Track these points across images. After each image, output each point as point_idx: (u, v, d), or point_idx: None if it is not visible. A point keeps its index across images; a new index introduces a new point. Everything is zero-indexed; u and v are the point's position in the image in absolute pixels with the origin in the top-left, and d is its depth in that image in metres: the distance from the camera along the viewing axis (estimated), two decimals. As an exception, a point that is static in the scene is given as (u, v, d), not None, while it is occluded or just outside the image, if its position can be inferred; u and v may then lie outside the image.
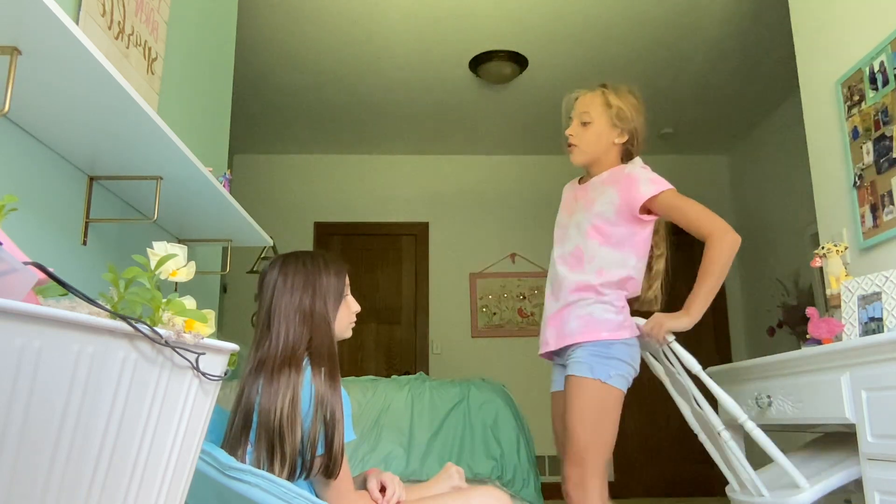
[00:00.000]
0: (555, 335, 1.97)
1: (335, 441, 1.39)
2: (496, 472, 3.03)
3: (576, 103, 2.15)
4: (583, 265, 1.98)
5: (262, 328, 1.51)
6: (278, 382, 1.41)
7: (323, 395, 1.41)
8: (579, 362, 1.88)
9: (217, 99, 2.95)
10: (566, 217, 2.14)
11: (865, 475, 1.81)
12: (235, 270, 5.09)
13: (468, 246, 5.77)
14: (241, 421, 1.43)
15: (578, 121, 2.11)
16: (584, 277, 1.96)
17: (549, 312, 2.04)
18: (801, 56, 2.96)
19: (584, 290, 1.95)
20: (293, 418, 1.38)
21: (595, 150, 2.09)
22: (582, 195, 2.12)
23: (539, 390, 5.41)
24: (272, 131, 5.43)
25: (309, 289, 1.53)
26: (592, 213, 2.01)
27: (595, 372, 1.85)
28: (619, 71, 4.46)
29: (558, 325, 1.97)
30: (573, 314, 1.94)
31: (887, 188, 2.36)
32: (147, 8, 2.09)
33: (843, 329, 2.15)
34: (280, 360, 1.45)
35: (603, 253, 1.97)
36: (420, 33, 4.05)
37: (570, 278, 1.99)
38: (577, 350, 1.90)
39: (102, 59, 1.28)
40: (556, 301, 2.01)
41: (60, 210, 1.71)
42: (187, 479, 0.99)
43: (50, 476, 0.75)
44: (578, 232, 2.03)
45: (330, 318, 1.54)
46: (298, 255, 1.59)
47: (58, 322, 0.73)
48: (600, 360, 1.86)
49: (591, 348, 1.88)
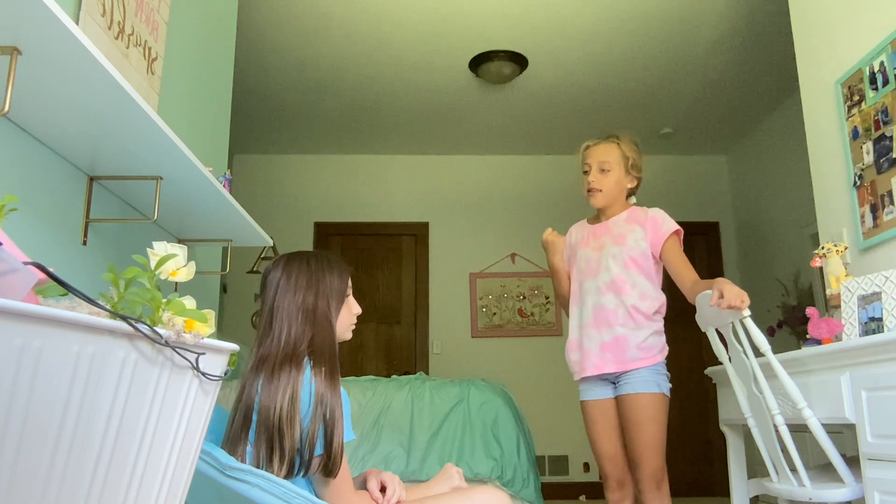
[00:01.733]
0: (614, 361, 2.28)
1: (334, 440, 1.40)
2: (496, 472, 3.03)
3: (590, 152, 2.46)
4: (626, 293, 2.29)
5: (265, 326, 1.52)
6: (278, 380, 1.41)
7: (323, 394, 1.42)
8: (646, 380, 2.24)
9: (217, 99, 2.95)
10: (594, 252, 2.41)
11: (865, 475, 1.81)
12: (235, 270, 5.09)
13: (468, 246, 5.77)
14: (242, 418, 1.44)
15: (598, 168, 2.42)
16: (634, 303, 2.28)
17: (595, 339, 2.32)
18: (801, 56, 2.96)
19: (636, 316, 2.28)
20: (292, 415, 1.39)
21: (615, 194, 2.43)
22: (604, 232, 2.42)
23: (539, 390, 5.42)
24: (272, 131, 5.43)
25: (312, 288, 1.54)
26: (627, 247, 2.33)
27: (661, 387, 2.25)
28: (620, 71, 4.47)
29: (616, 352, 2.28)
30: (632, 343, 2.26)
31: (887, 188, 2.36)
32: (147, 8, 2.09)
33: (843, 329, 2.15)
34: (281, 357, 1.45)
35: (641, 281, 2.31)
36: (420, 33, 4.05)
37: (617, 304, 2.29)
38: (641, 371, 2.25)
39: (102, 59, 1.28)
40: (609, 329, 2.30)
41: (60, 210, 1.71)
42: (187, 479, 0.99)
43: (50, 476, 0.75)
44: (616, 263, 2.33)
45: (332, 318, 1.55)
46: (302, 254, 1.60)
47: (58, 322, 0.73)
48: (661, 378, 2.27)
49: (653, 369, 2.26)
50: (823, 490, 1.92)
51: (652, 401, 2.24)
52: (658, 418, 2.24)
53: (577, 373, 2.38)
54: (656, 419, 2.23)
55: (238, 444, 1.42)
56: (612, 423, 2.31)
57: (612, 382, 2.32)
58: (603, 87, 4.72)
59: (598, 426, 2.33)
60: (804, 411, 1.95)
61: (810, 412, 1.95)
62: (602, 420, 2.32)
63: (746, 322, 2.01)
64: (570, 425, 5.20)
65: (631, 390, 2.26)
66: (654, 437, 2.22)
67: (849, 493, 1.88)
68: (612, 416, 2.31)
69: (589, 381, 2.36)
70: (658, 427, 2.24)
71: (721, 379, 2.61)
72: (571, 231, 2.56)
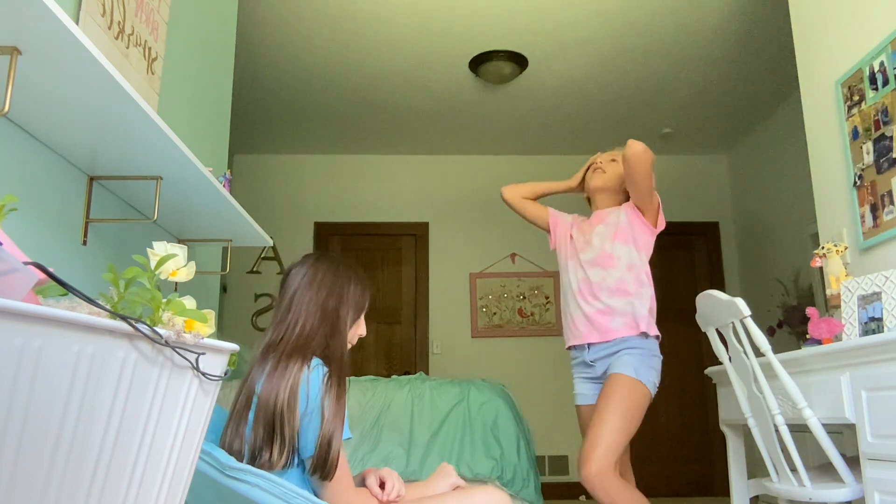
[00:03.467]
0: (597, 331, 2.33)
1: (332, 447, 1.41)
2: (496, 472, 3.03)
3: (606, 153, 2.59)
4: (612, 265, 2.35)
5: (282, 314, 1.55)
6: (285, 369, 1.44)
7: (329, 396, 1.43)
8: (626, 364, 2.23)
9: (217, 99, 2.95)
10: (582, 234, 2.49)
11: (865, 475, 1.81)
12: (235, 270, 5.09)
13: (468, 246, 5.77)
14: (244, 399, 1.46)
15: (609, 158, 2.54)
16: (621, 275, 2.33)
17: (580, 310, 2.38)
18: (801, 56, 2.96)
19: (623, 288, 2.32)
20: (293, 406, 1.41)
21: (614, 183, 2.50)
22: (596, 220, 2.50)
23: (539, 390, 5.42)
24: (272, 131, 5.43)
25: (335, 292, 1.57)
26: (608, 223, 2.43)
27: (639, 374, 2.22)
28: (619, 71, 4.47)
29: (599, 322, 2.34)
30: (616, 313, 2.32)
31: (887, 188, 2.36)
32: (147, 8, 2.09)
33: (843, 329, 2.15)
34: (291, 347, 1.48)
35: (627, 251, 2.36)
36: (420, 33, 4.05)
37: (602, 277, 2.36)
38: (625, 353, 2.25)
39: (102, 59, 1.28)
40: (595, 299, 2.34)
41: (60, 210, 1.71)
42: (187, 479, 0.99)
43: (50, 476, 0.75)
44: (601, 238, 2.41)
45: (346, 327, 1.57)
46: (332, 258, 1.64)
47: (58, 322, 0.73)
48: (645, 367, 2.24)
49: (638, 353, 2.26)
50: (823, 490, 1.93)
51: (623, 383, 2.14)
52: (623, 405, 2.09)
53: (566, 340, 2.44)
54: (620, 405, 2.08)
55: (240, 423, 1.45)
56: None
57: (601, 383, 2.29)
58: (603, 87, 4.72)
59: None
60: (804, 411, 1.95)
61: (810, 412, 1.95)
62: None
63: (747, 322, 2.01)
64: (570, 425, 5.19)
65: (611, 370, 2.22)
66: (606, 422, 2.06)
67: (849, 493, 1.88)
68: None
69: (581, 382, 2.37)
70: (618, 414, 2.07)
71: (721, 379, 2.61)
72: (563, 218, 2.64)
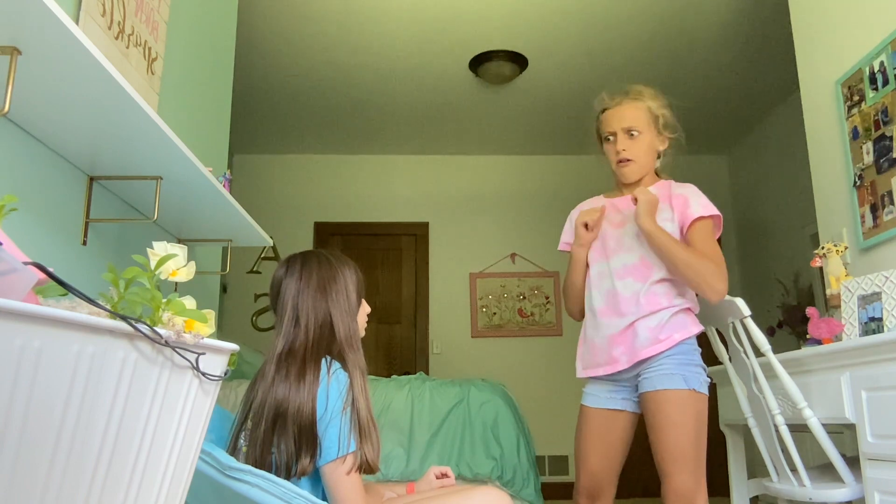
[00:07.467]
0: (626, 353, 1.91)
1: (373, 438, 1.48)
2: (496, 472, 3.03)
3: (611, 115, 2.07)
4: (650, 276, 1.91)
5: (289, 321, 1.55)
6: (305, 376, 1.45)
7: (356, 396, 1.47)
8: (668, 374, 1.88)
9: (217, 99, 2.95)
10: (613, 228, 2.02)
11: (865, 475, 1.81)
12: (235, 270, 5.09)
13: (468, 246, 5.77)
14: (271, 413, 1.44)
15: (625, 134, 2.01)
16: (658, 279, 1.92)
17: (604, 330, 1.95)
18: (800, 56, 2.96)
19: (659, 299, 1.90)
20: (313, 411, 1.43)
21: (648, 162, 2.04)
22: (627, 205, 2.03)
23: (539, 390, 5.42)
24: (272, 131, 5.43)
25: (336, 285, 1.59)
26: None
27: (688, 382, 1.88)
28: (619, 70, 4.46)
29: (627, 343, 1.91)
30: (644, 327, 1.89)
31: (887, 188, 2.36)
32: (147, 8, 2.09)
33: (843, 329, 2.15)
34: (307, 353, 1.49)
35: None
36: (420, 33, 4.05)
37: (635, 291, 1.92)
38: (661, 361, 1.88)
39: (102, 59, 1.28)
40: (620, 318, 1.92)
41: (60, 210, 1.71)
42: (187, 479, 0.99)
43: (50, 476, 0.75)
44: (640, 242, 1.95)
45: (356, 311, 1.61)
46: (315, 254, 1.64)
47: (58, 322, 0.73)
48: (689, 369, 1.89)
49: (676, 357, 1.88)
50: (823, 490, 1.93)
51: (675, 399, 1.82)
52: (685, 422, 1.80)
53: (578, 370, 2.01)
54: (682, 423, 1.80)
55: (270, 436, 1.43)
56: (606, 439, 1.94)
57: (627, 387, 1.94)
58: (603, 87, 4.70)
59: (590, 437, 1.97)
60: (804, 411, 1.95)
61: (810, 412, 1.95)
62: (597, 434, 1.96)
63: (747, 322, 2.01)
64: (570, 425, 5.17)
65: (650, 387, 1.85)
66: (677, 447, 1.80)
67: (849, 493, 1.88)
68: (611, 432, 1.95)
69: (598, 382, 1.98)
70: (685, 433, 1.80)
71: (721, 379, 2.61)
72: (582, 210, 2.10)
